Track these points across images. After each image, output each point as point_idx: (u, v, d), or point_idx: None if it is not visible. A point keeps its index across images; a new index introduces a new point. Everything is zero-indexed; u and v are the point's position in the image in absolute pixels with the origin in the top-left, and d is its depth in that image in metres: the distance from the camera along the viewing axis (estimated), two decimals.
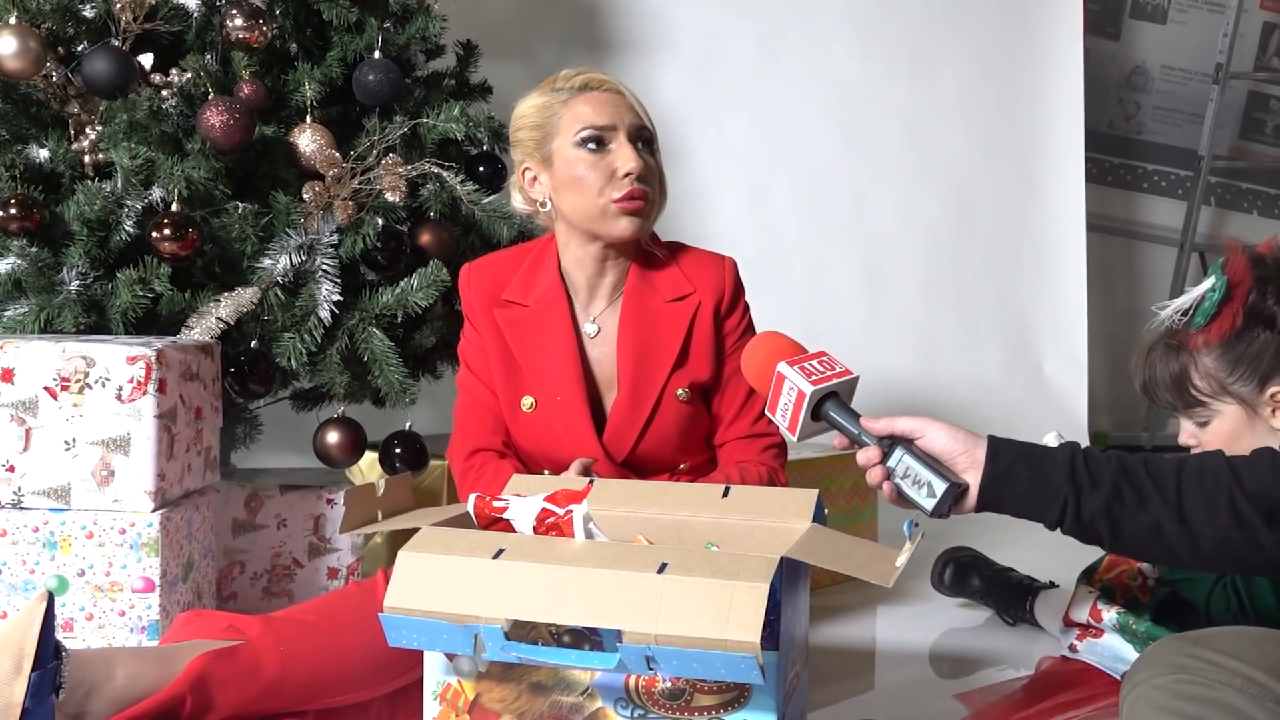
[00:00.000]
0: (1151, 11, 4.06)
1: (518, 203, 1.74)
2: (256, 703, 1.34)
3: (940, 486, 1.22)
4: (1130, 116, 4.11)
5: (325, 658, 1.39)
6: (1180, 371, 1.54)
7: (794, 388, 1.30)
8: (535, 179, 1.69)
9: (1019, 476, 1.20)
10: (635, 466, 1.68)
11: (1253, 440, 1.50)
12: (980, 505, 1.23)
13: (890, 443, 1.28)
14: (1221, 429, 1.54)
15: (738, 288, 1.73)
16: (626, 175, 1.60)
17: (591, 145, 1.61)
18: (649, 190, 1.64)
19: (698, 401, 1.70)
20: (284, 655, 1.36)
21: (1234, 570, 1.36)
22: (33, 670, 1.13)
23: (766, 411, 1.35)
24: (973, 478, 1.22)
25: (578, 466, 1.57)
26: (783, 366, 1.31)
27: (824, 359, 1.35)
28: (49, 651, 1.16)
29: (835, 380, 1.32)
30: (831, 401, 1.31)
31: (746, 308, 1.75)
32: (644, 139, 1.65)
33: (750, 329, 1.73)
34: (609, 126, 1.62)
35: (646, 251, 1.71)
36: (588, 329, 1.71)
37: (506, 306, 1.71)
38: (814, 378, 1.31)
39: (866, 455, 1.28)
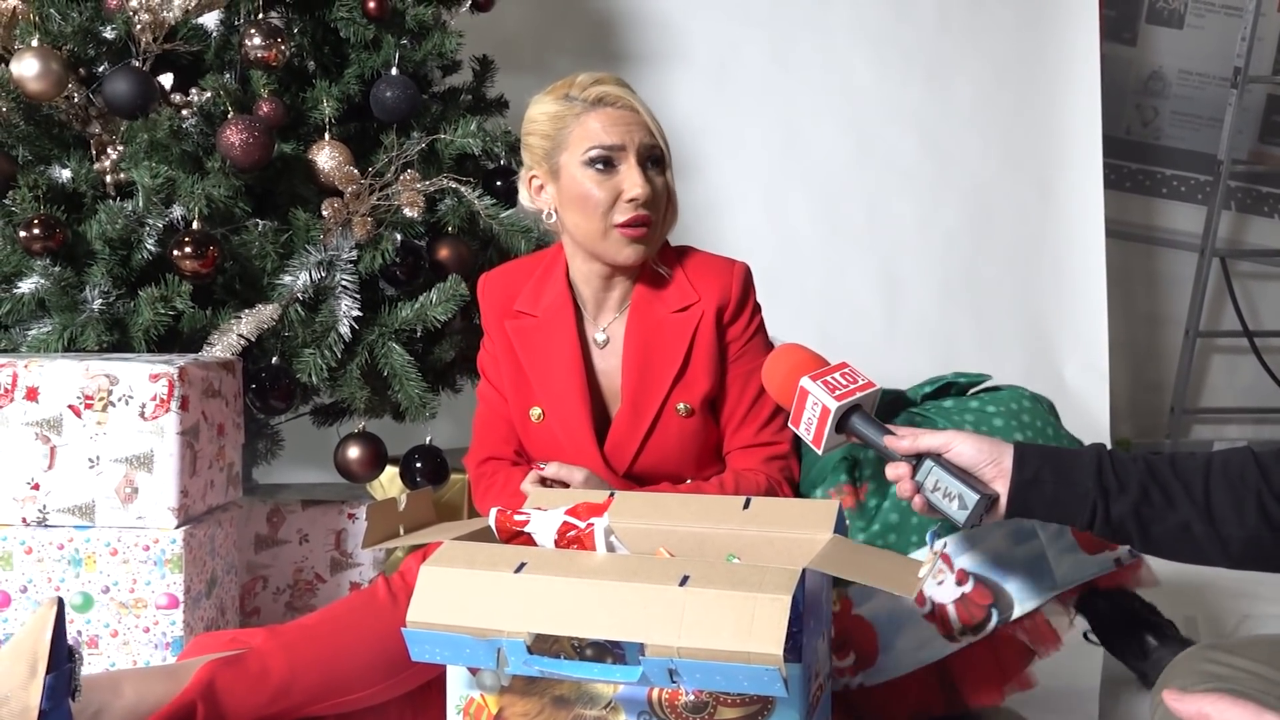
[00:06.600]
0: (1168, 16, 4.04)
1: (524, 199, 1.72)
2: (269, 706, 1.35)
3: (971, 499, 1.22)
4: (1148, 122, 4.08)
5: (332, 656, 1.40)
6: None
7: (818, 403, 1.30)
8: (542, 188, 1.67)
9: (1046, 482, 1.20)
10: (638, 479, 1.66)
11: None
12: (1010, 512, 1.24)
13: (919, 456, 1.28)
14: None
15: (745, 294, 1.67)
16: (631, 200, 1.58)
17: (599, 166, 1.58)
18: (653, 215, 1.60)
19: (704, 415, 1.66)
20: (290, 658, 1.37)
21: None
22: (47, 673, 1.15)
23: (790, 425, 1.35)
24: (1001, 486, 1.23)
25: (532, 477, 1.56)
26: (805, 382, 1.31)
27: (846, 371, 1.35)
28: (62, 654, 1.18)
29: (859, 394, 1.31)
30: (857, 415, 1.31)
31: (755, 314, 1.69)
32: (654, 159, 1.62)
33: (758, 336, 1.69)
34: (618, 147, 1.58)
35: (654, 266, 1.69)
36: (597, 338, 1.69)
37: (517, 317, 1.70)
38: (837, 392, 1.31)
39: (896, 470, 1.29)
